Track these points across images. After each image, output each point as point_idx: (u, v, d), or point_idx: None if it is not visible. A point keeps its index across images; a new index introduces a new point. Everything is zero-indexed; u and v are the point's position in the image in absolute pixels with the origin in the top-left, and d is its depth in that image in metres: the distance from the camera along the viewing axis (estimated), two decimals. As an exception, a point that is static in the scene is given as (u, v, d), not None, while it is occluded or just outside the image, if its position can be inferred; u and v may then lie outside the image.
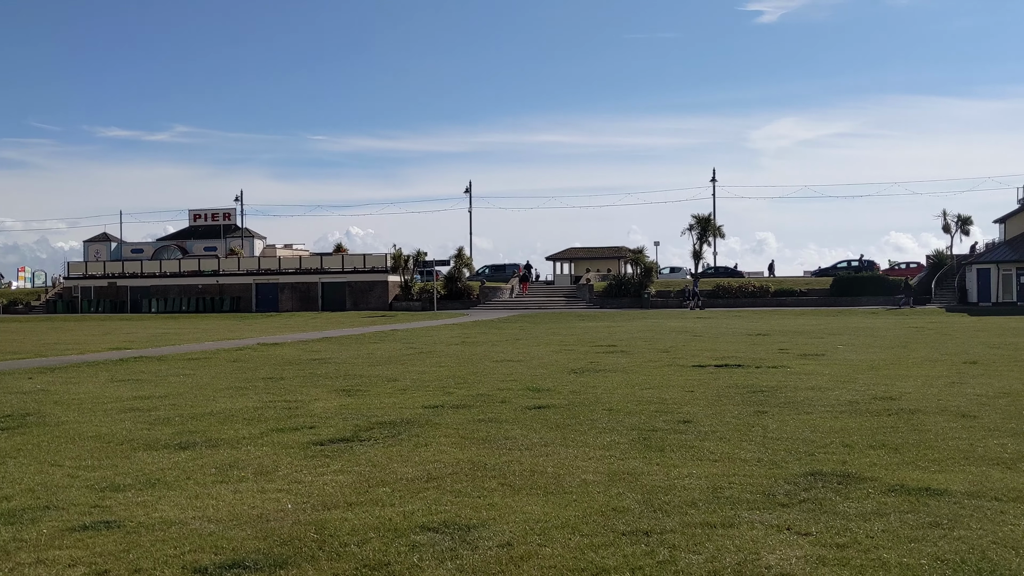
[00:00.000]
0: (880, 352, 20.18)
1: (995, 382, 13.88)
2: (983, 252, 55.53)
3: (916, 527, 5.91)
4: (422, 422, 10.73)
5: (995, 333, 26.80)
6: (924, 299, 53.67)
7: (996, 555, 5.29)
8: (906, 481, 7.18)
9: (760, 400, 12.17)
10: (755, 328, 31.35)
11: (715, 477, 7.50)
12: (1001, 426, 9.79)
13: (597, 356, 20.12)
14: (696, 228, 60.72)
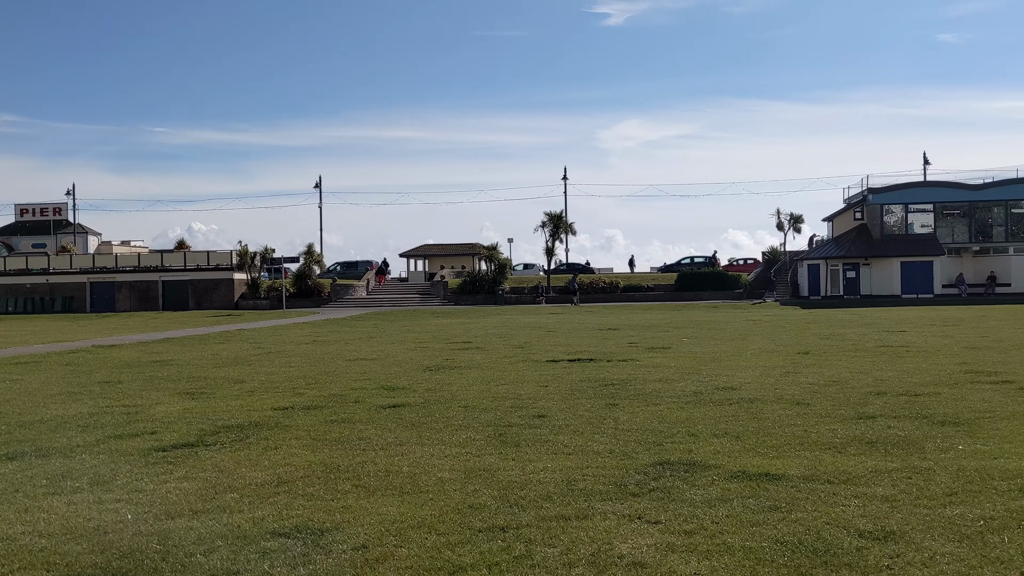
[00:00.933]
0: (721, 344, 21.10)
1: (825, 371, 14.76)
2: (813, 249, 59.05)
3: (757, 511, 6.19)
4: (271, 424, 10.41)
5: (825, 325, 28.53)
6: (760, 293, 56.56)
7: (829, 535, 5.60)
8: (747, 467, 7.51)
9: (611, 393, 12.47)
10: (606, 323, 32.18)
11: (569, 470, 7.61)
12: (832, 412, 10.40)
13: (452, 353, 20.12)
14: (549, 225, 61.72)
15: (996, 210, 55.03)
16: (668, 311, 42.12)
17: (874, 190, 55.95)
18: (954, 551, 5.22)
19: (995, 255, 54.20)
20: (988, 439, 8.59)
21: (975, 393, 11.75)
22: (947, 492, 6.56)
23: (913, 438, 8.70)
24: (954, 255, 54.33)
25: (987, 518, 5.85)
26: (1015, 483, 6.76)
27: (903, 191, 56.07)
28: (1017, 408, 10.43)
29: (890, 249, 53.67)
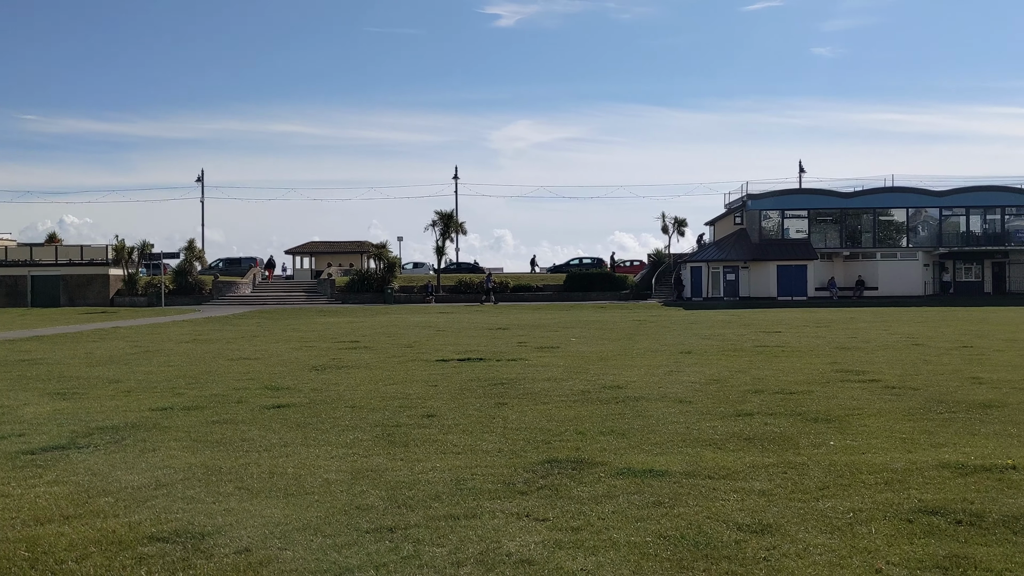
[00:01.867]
0: (608, 344, 21.50)
1: (706, 370, 15.22)
2: (695, 252, 60.82)
3: (642, 507, 6.33)
4: (149, 426, 10.03)
5: (706, 325, 29.42)
6: (645, 294, 57.92)
7: (710, 528, 5.78)
8: (633, 464, 7.67)
9: (501, 392, 12.53)
10: (496, 322, 32.32)
11: (458, 469, 7.61)
12: (712, 410, 10.74)
13: (339, 352, 19.83)
14: (439, 224, 61.55)
15: (865, 217, 57.93)
16: (557, 311, 42.64)
17: (753, 196, 58.07)
18: (826, 542, 5.46)
19: (864, 260, 57.04)
20: (857, 435, 9.02)
21: (845, 391, 12.32)
22: (819, 486, 6.86)
23: (788, 434, 9.06)
24: (826, 259, 56.89)
25: (856, 510, 6.15)
26: (881, 476, 7.12)
27: (780, 197, 58.39)
28: (883, 405, 10.99)
29: (767, 253, 55.79)
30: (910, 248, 57.34)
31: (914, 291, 55.09)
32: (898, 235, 58.32)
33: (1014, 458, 7.69)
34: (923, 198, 57.69)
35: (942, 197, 57.60)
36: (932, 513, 6.00)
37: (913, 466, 7.46)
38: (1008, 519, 5.84)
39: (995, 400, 11.26)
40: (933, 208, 57.89)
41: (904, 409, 10.66)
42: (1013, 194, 57.50)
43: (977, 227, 57.89)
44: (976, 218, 57.83)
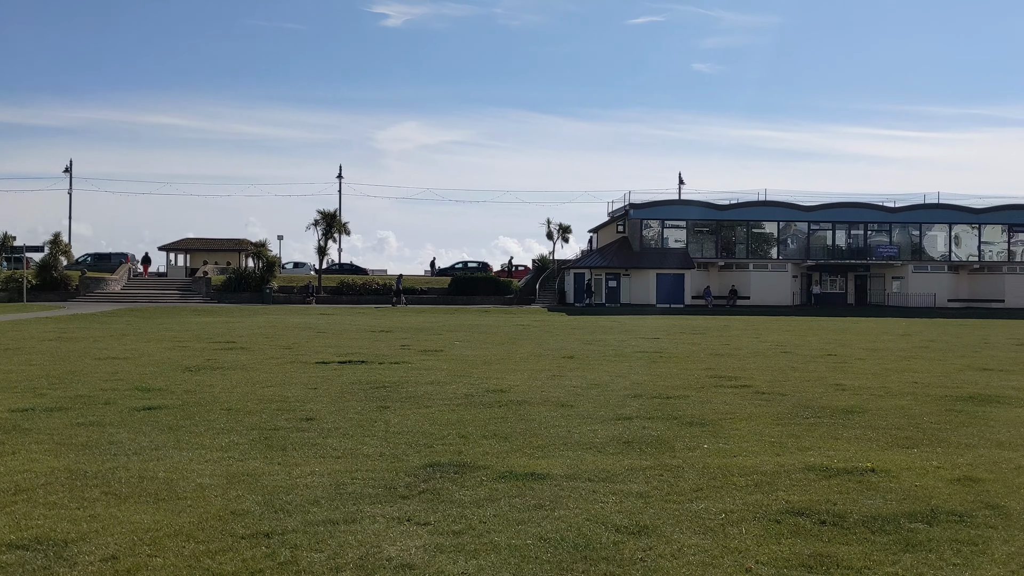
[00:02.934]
0: (492, 348, 21.59)
1: (588, 374, 15.48)
2: (579, 258, 61.84)
3: (523, 510, 6.38)
4: (8, 427, 9.48)
5: (588, 331, 29.93)
6: (529, 299, 58.48)
7: (589, 531, 5.87)
8: (515, 468, 7.72)
9: (383, 395, 12.41)
10: (379, 325, 32.00)
11: (338, 474, 7.49)
12: (593, 414, 10.92)
13: (215, 353, 19.23)
14: (322, 224, 60.50)
15: (740, 229, 60.15)
16: (441, 314, 42.55)
17: (635, 206, 59.47)
18: (699, 543, 5.63)
19: (737, 270, 59.20)
20: (729, 438, 9.34)
21: (719, 396, 12.75)
22: (694, 488, 7.07)
23: (665, 438, 9.31)
24: (703, 269, 58.76)
25: (727, 511, 6.36)
26: (751, 479, 7.39)
27: (660, 208, 60.01)
28: (754, 410, 11.42)
29: (647, 261, 57.22)
30: (780, 260, 59.83)
31: (783, 301, 57.51)
32: (769, 247, 60.78)
33: (873, 461, 8.11)
34: (793, 212, 60.33)
35: (810, 212, 60.38)
36: (798, 514, 6.27)
37: (781, 469, 7.78)
38: (867, 519, 6.15)
39: (856, 406, 11.86)
40: (802, 222, 60.61)
41: (773, 414, 11.10)
42: (875, 211, 60.80)
43: (842, 241, 60.92)
44: (841, 233, 60.84)
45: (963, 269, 60.69)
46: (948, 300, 58.86)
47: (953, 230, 61.34)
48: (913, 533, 5.83)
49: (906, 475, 7.55)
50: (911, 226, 60.98)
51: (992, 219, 61.06)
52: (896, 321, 40.95)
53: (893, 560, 5.30)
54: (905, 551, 5.47)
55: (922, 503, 6.57)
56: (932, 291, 58.62)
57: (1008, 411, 11.54)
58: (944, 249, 61.41)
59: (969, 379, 15.50)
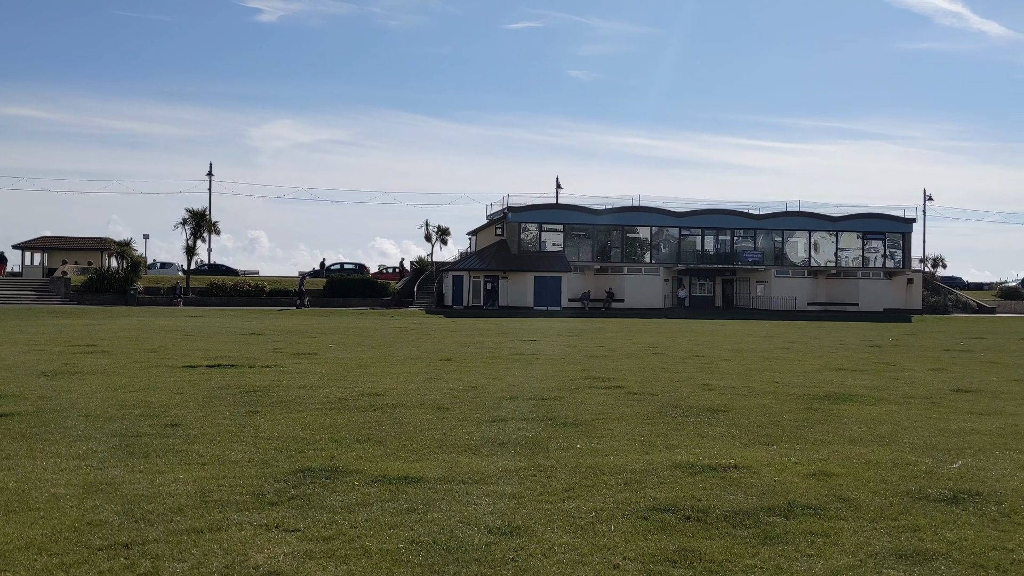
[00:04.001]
0: (369, 351, 21.35)
1: (465, 377, 15.51)
2: (458, 260, 61.88)
3: (396, 514, 6.33)
4: None
5: (466, 333, 29.99)
6: (407, 302, 58.13)
7: (462, 533, 5.88)
8: (388, 472, 7.66)
9: (253, 400, 12.09)
10: (250, 327, 31.16)
11: (204, 481, 7.25)
12: (469, 416, 10.95)
13: (74, 357, 18.30)
14: (190, 223, 58.38)
15: (615, 233, 61.52)
16: (316, 316, 41.77)
17: (513, 209, 59.98)
18: (570, 541, 5.72)
19: (612, 274, 60.50)
20: (601, 438, 9.53)
21: (592, 397, 12.99)
22: (566, 487, 7.17)
23: (539, 439, 9.41)
24: (579, 272, 59.78)
25: (598, 509, 6.49)
26: (621, 477, 7.57)
27: (538, 211, 60.73)
28: (626, 410, 11.69)
29: (525, 264, 57.79)
30: (653, 264, 61.51)
31: (656, 304, 59.13)
32: (643, 251, 62.41)
33: (736, 458, 8.43)
34: (665, 218, 62.14)
35: (681, 218, 62.33)
36: (665, 510, 6.45)
37: (650, 467, 7.99)
38: (729, 514, 6.39)
39: (722, 405, 12.30)
40: (674, 228, 62.51)
41: (644, 414, 11.39)
42: (741, 218, 63.27)
43: (711, 247, 63.13)
44: (710, 238, 63.04)
45: (821, 274, 63.85)
46: (808, 303, 61.82)
47: (812, 237, 64.45)
48: (771, 526, 6.09)
49: (766, 471, 7.88)
50: (774, 232, 63.74)
51: (848, 227, 64.49)
52: (760, 323, 42.73)
53: (752, 553, 5.52)
54: (763, 544, 5.71)
55: (780, 497, 6.87)
56: (793, 295, 61.43)
57: (860, 408, 12.20)
58: (804, 255, 64.46)
59: (825, 379, 16.32)
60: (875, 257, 64.89)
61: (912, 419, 11.26)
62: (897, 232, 64.89)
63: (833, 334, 33.58)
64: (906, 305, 62.72)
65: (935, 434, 10.09)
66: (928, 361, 20.91)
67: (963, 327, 42.51)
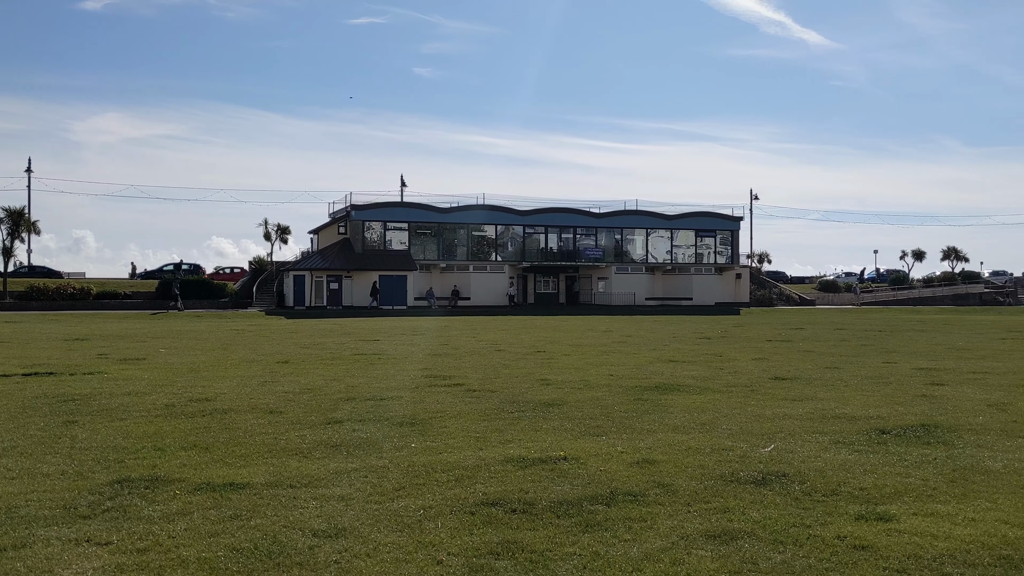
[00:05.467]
0: (202, 355, 20.59)
1: (302, 379, 15.21)
2: (299, 260, 60.52)
3: (217, 521, 6.15)
4: None
5: (307, 334, 29.41)
6: (246, 303, 56.38)
7: (286, 537, 5.78)
8: (213, 479, 7.42)
9: (71, 409, 11.43)
10: (74, 332, 29.42)
11: (10, 496, 6.81)
12: (303, 419, 10.75)
13: None
14: (7, 222, 54.46)
15: (460, 232, 61.84)
16: (145, 320, 39.90)
17: (357, 207, 59.26)
18: (395, 540, 5.73)
19: (458, 272, 60.80)
20: (437, 436, 9.57)
21: (432, 396, 13.02)
22: (396, 487, 7.17)
23: (374, 439, 9.36)
24: (425, 271, 59.75)
25: (427, 507, 6.52)
26: (453, 474, 7.63)
27: (383, 209, 60.26)
28: (464, 408, 11.78)
29: (370, 263, 57.23)
30: (499, 262, 62.22)
31: (501, 301, 59.84)
32: (489, 249, 63.01)
33: (566, 450, 8.66)
34: (510, 216, 62.99)
35: (526, 216, 63.35)
36: (492, 504, 6.56)
37: (482, 462, 8.09)
38: (555, 505, 6.56)
39: (558, 399, 12.60)
40: (518, 226, 63.46)
41: (481, 410, 11.52)
42: (584, 216, 64.95)
43: (554, 244, 64.48)
44: (554, 236, 64.38)
45: (658, 270, 66.40)
46: (646, 299, 64.16)
47: (650, 235, 66.93)
48: (593, 514, 6.30)
49: (593, 461, 8.14)
50: (615, 231, 65.79)
51: (683, 225, 67.35)
52: (600, 319, 44.00)
53: (573, 541, 5.70)
54: (585, 532, 5.90)
55: (604, 486, 7.11)
56: (632, 290, 63.63)
57: (686, 398, 12.79)
58: (643, 252, 66.86)
59: (657, 370, 17.00)
60: (708, 253, 68.06)
61: (732, 407, 11.89)
62: (727, 230, 68.31)
63: (668, 328, 35.00)
64: (735, 299, 66.12)
65: (751, 420, 10.70)
66: (752, 351, 22.12)
67: (786, 319, 45.22)
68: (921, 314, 52.72)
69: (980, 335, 29.62)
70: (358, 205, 59.33)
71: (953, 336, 29.14)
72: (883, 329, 33.84)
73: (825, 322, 40.81)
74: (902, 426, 10.10)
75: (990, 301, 73.98)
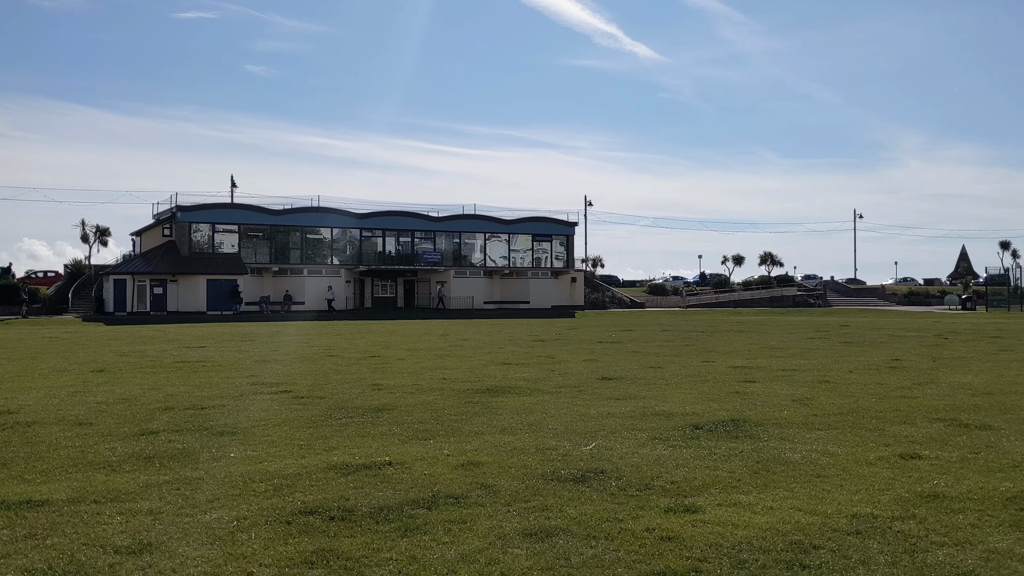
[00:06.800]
0: (7, 365, 19.18)
1: (117, 389, 14.41)
2: (120, 263, 57.36)
3: (10, 542, 5.73)
4: None
5: (127, 341, 27.90)
6: (61, 308, 52.94)
7: (85, 556, 5.44)
8: (8, 496, 6.92)
9: None
10: None
11: None
12: (115, 431, 10.19)
13: None
14: None
15: (294, 235, 60.38)
16: (-54, 328, 36.75)
17: (183, 208, 56.77)
18: (205, 553, 5.51)
19: (292, 276, 59.33)
20: (259, 445, 9.29)
21: (256, 403, 12.64)
22: (210, 499, 6.90)
23: (191, 450, 8.98)
24: (257, 274, 57.97)
25: (241, 519, 6.31)
26: (272, 484, 7.42)
27: (211, 211, 58.03)
28: (290, 415, 11.50)
29: (197, 267, 54.95)
30: (335, 265, 61.18)
31: (339, 306, 58.84)
32: (325, 253, 61.85)
33: (392, 455, 8.60)
34: (347, 219, 62.07)
35: (363, 219, 62.63)
36: (310, 513, 6.42)
37: (304, 470, 7.92)
38: (375, 511, 6.50)
39: (388, 404, 12.51)
40: (355, 229, 62.63)
41: (308, 417, 11.28)
42: (422, 220, 64.87)
43: (393, 248, 64.05)
44: (392, 240, 63.96)
45: (496, 274, 67.19)
46: (484, 302, 64.78)
47: (488, 239, 67.62)
48: (413, 519, 6.28)
49: (418, 465, 8.13)
50: (453, 235, 66.05)
51: (520, 229, 68.44)
52: (439, 322, 44.05)
53: (390, 546, 5.66)
54: (404, 536, 5.88)
55: (426, 490, 7.11)
56: (471, 294, 64.08)
57: (516, 400, 12.98)
58: (481, 256, 67.45)
59: (490, 373, 17.18)
60: (544, 258, 69.45)
61: (559, 407, 12.18)
62: (563, 234, 69.93)
63: (504, 330, 35.45)
64: (571, 302, 67.81)
65: (576, 419, 10.99)
66: (583, 353, 22.72)
67: (617, 320, 46.76)
68: (740, 315, 55.75)
69: (791, 335, 31.64)
70: (185, 206, 56.86)
71: (767, 336, 30.98)
72: (705, 330, 35.56)
73: (653, 324, 42.46)
74: (714, 421, 10.64)
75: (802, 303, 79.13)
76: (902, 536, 5.86)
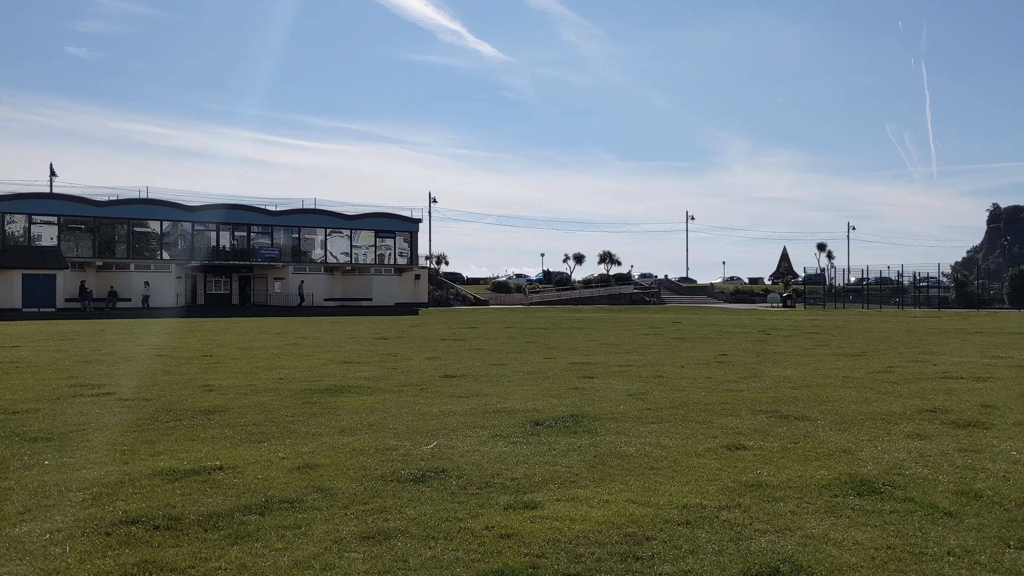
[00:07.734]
0: None
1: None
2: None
3: None
4: None
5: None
6: None
7: None
8: None
9: None
10: None
11: None
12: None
13: None
14: None
15: (120, 227, 57.23)
16: None
17: (-3, 197, 52.76)
18: (14, 570, 5.08)
19: (118, 271, 56.25)
20: (77, 451, 8.70)
21: (76, 407, 11.85)
22: (21, 511, 6.39)
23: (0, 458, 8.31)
24: (79, 269, 54.58)
25: (55, 531, 5.87)
26: (91, 492, 6.95)
27: (27, 201, 54.21)
28: (112, 419, 10.84)
29: (11, 261, 51.20)
30: (166, 260, 58.44)
31: (170, 303, 56.25)
32: (155, 247, 58.96)
33: (223, 459, 8.24)
34: (178, 212, 59.41)
35: (195, 212, 60.11)
36: (132, 523, 6.05)
37: (127, 478, 7.47)
38: (203, 518, 6.20)
39: (220, 405, 12.00)
40: (187, 222, 60.02)
41: (132, 421, 10.67)
42: (258, 214, 62.92)
43: (227, 243, 61.78)
44: (226, 234, 61.71)
45: (338, 270, 66.06)
46: (325, 299, 63.56)
47: (329, 234, 66.40)
48: (244, 525, 6.03)
49: (251, 469, 7.82)
50: (292, 229, 64.46)
51: (363, 225, 67.58)
52: (276, 320, 42.85)
53: (219, 555, 5.40)
54: (234, 544, 5.62)
55: (259, 495, 6.85)
56: (311, 291, 62.68)
57: (356, 399, 12.75)
58: (321, 252, 66.13)
59: (330, 372, 16.81)
60: (388, 254, 68.87)
61: (401, 406, 12.04)
62: (407, 231, 69.59)
63: (346, 328, 34.87)
64: (415, 299, 67.56)
65: (418, 418, 10.90)
66: (426, 351, 22.63)
67: (461, 318, 46.94)
68: (581, 312, 57.19)
69: (628, 331, 32.69)
70: (-2, 195, 52.85)
71: (606, 333, 31.88)
72: (547, 327, 36.22)
73: (496, 321, 42.88)
74: (554, 417, 10.81)
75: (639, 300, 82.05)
76: (728, 525, 6.12)
